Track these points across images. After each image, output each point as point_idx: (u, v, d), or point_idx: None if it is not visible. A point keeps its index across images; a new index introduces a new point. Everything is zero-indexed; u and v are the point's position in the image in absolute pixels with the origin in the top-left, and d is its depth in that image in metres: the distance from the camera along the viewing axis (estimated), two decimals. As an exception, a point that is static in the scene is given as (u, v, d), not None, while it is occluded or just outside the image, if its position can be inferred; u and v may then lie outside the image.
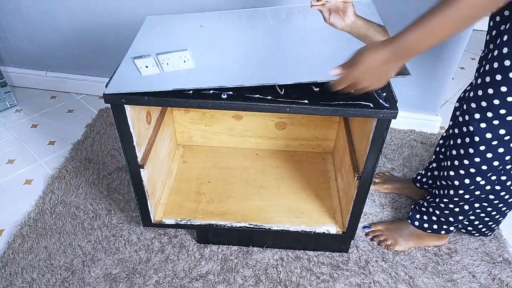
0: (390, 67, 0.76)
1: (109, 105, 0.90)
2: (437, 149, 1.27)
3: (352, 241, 1.23)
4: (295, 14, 1.12)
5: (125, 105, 0.89)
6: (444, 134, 1.25)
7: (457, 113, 1.15)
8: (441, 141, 1.26)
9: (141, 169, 1.03)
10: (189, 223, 1.16)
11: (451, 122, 1.20)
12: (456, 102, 1.18)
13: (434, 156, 1.29)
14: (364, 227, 1.30)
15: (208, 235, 1.22)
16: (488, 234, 1.25)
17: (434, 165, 1.29)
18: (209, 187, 1.27)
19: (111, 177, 1.46)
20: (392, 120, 0.87)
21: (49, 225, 1.29)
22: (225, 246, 1.24)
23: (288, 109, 0.86)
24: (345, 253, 1.23)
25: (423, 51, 0.72)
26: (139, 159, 1.01)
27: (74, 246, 1.23)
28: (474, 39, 1.03)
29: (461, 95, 1.16)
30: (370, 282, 1.16)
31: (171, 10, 1.55)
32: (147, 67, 0.96)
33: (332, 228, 1.16)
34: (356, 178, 1.01)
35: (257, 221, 1.17)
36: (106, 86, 0.88)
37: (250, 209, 1.20)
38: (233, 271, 1.17)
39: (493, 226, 1.22)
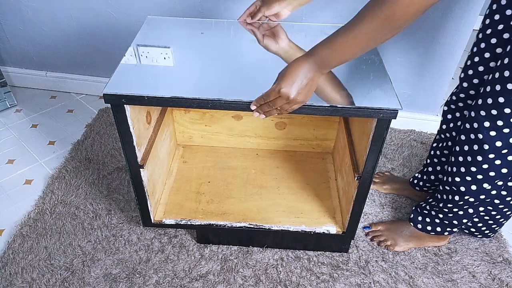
0: (315, 78, 0.79)
1: (109, 105, 0.90)
2: (431, 152, 1.27)
3: (352, 241, 1.23)
4: (297, 32, 1.13)
5: (125, 105, 0.89)
6: (437, 138, 1.24)
7: (452, 116, 1.15)
8: (434, 144, 1.26)
9: (141, 169, 1.03)
10: (189, 223, 1.16)
11: (444, 126, 1.19)
12: (445, 105, 1.17)
13: (428, 160, 1.29)
14: (364, 227, 1.30)
15: (208, 235, 1.22)
16: (490, 235, 1.25)
17: (430, 169, 1.29)
18: (209, 187, 1.27)
19: (111, 177, 1.46)
20: (392, 120, 0.87)
21: (49, 225, 1.29)
22: (225, 246, 1.24)
23: (288, 109, 0.86)
24: (345, 253, 1.23)
25: (342, 63, 0.77)
26: (139, 159, 1.01)
27: (74, 246, 1.23)
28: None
29: (449, 99, 1.15)
30: (370, 282, 1.16)
31: (171, 10, 1.55)
32: (124, 55, 0.96)
33: (332, 228, 1.16)
34: (356, 178, 1.01)
35: (257, 221, 1.17)
36: (105, 86, 0.88)
37: (250, 209, 1.20)
38: (233, 271, 1.17)
39: (495, 228, 1.22)
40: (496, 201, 1.12)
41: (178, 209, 1.20)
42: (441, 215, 1.16)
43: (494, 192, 1.04)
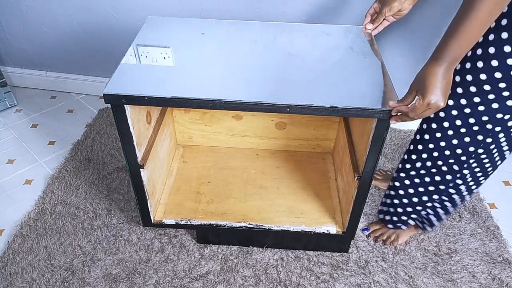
0: (450, 76, 0.81)
1: (109, 105, 0.90)
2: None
3: (352, 241, 1.23)
4: (298, 32, 1.13)
5: (125, 105, 0.89)
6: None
7: None
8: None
9: (141, 169, 1.03)
10: (189, 223, 1.16)
11: None
12: None
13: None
14: (363, 229, 1.30)
15: (208, 235, 1.22)
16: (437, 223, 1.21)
17: None
18: (209, 187, 1.27)
19: (111, 177, 1.46)
20: (392, 120, 0.87)
21: (49, 225, 1.29)
22: (225, 246, 1.24)
23: (288, 109, 0.86)
24: (345, 253, 1.23)
25: (469, 49, 0.79)
26: (139, 159, 1.01)
27: (74, 246, 1.23)
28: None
29: None
30: (370, 282, 1.16)
31: (171, 10, 1.55)
32: (124, 55, 0.97)
33: (332, 228, 1.16)
34: (356, 178, 1.01)
35: (257, 221, 1.17)
36: (105, 86, 0.88)
37: (250, 209, 1.20)
38: (233, 271, 1.17)
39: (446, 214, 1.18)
40: (451, 191, 1.09)
41: (178, 209, 1.20)
42: (395, 204, 1.16)
43: (449, 177, 1.03)
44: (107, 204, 1.36)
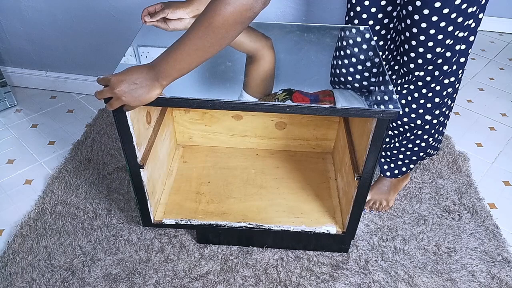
0: (152, 87, 0.81)
1: (109, 105, 0.90)
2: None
3: (352, 240, 1.23)
4: (298, 32, 1.13)
5: (125, 105, 0.89)
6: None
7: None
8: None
9: (141, 169, 1.03)
10: (189, 223, 1.17)
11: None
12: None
13: None
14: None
15: (208, 235, 1.22)
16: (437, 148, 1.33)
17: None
18: (209, 187, 1.27)
19: (111, 177, 1.46)
20: (392, 120, 0.87)
21: (49, 225, 1.29)
22: (225, 246, 1.24)
23: (288, 109, 0.86)
24: (345, 253, 1.23)
25: (182, 74, 0.80)
26: (139, 159, 1.01)
27: (74, 246, 1.23)
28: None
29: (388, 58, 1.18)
30: (370, 282, 1.16)
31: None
32: (124, 55, 0.97)
33: (332, 228, 1.16)
34: (356, 178, 1.01)
35: (257, 221, 1.17)
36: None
37: (250, 209, 1.21)
38: (233, 271, 1.17)
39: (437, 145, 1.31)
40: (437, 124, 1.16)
41: (178, 209, 1.20)
42: (397, 152, 1.26)
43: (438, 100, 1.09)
44: (107, 204, 1.36)
